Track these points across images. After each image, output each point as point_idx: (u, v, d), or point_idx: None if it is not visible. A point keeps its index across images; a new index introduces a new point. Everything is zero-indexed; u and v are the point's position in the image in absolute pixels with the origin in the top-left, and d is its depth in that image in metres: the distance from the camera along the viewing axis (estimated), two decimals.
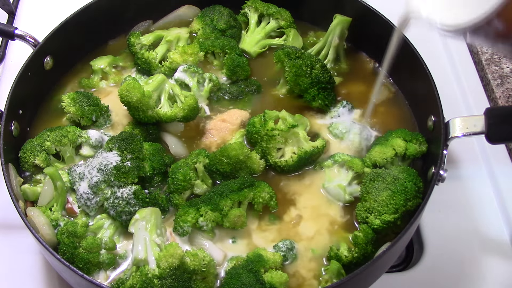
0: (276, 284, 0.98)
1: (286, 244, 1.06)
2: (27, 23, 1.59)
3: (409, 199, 1.03)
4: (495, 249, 1.18)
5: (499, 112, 1.06)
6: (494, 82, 1.42)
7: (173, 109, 1.20)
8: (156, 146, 1.16)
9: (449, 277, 1.15)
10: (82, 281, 0.93)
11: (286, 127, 1.15)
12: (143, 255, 0.98)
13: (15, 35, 1.21)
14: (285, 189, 1.15)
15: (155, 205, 1.09)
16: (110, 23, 1.37)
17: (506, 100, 1.39)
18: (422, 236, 1.20)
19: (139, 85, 1.16)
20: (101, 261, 1.03)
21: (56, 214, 1.07)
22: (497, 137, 1.03)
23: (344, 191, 1.12)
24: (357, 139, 1.20)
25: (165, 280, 0.94)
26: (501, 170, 1.29)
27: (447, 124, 1.06)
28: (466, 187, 1.28)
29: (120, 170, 1.08)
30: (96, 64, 1.33)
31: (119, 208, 1.06)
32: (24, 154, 1.13)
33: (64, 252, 1.01)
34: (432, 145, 1.14)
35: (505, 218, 1.22)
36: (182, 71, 1.26)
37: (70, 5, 1.33)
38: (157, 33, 1.37)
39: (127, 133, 1.17)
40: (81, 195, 1.08)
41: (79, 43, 1.34)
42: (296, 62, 1.23)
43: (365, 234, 1.03)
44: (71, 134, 1.16)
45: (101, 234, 1.07)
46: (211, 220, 1.05)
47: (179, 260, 0.95)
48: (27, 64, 1.19)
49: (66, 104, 1.20)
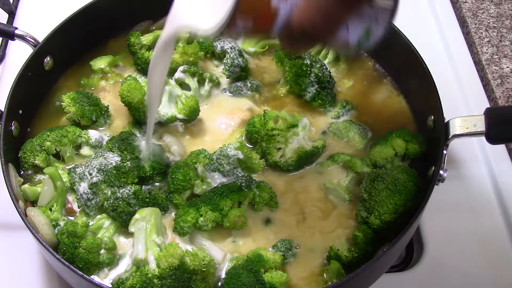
0: (276, 284, 0.98)
1: (284, 244, 1.06)
2: (27, 23, 1.59)
3: (409, 199, 1.03)
4: (495, 249, 1.18)
5: (499, 112, 1.06)
6: (494, 82, 1.42)
7: (174, 110, 1.20)
8: (156, 146, 1.16)
9: (449, 277, 1.15)
10: (82, 281, 0.93)
11: (286, 127, 1.15)
12: (143, 255, 0.98)
13: (15, 35, 1.21)
14: (285, 188, 1.15)
15: (155, 205, 1.09)
16: (110, 23, 1.37)
17: (506, 100, 1.39)
18: (422, 236, 1.20)
19: (140, 86, 1.16)
20: (101, 261, 1.03)
21: (56, 214, 1.07)
22: (497, 137, 1.03)
23: (344, 191, 1.12)
24: (357, 139, 1.20)
25: (165, 280, 0.94)
26: (501, 170, 1.29)
27: (447, 124, 1.06)
28: (466, 187, 1.27)
29: (120, 170, 1.08)
30: (96, 64, 1.33)
31: (119, 208, 1.06)
32: (24, 154, 1.13)
33: (64, 252, 1.01)
34: (432, 145, 1.14)
35: (505, 218, 1.22)
36: (182, 71, 1.26)
37: (70, 5, 1.33)
38: (157, 33, 1.36)
39: (127, 133, 1.17)
40: (81, 195, 1.08)
41: (79, 43, 1.34)
42: (296, 62, 1.23)
43: (365, 234, 1.03)
44: (71, 134, 1.16)
45: (101, 234, 1.07)
46: (211, 220, 1.05)
47: (179, 260, 0.95)
48: (27, 64, 1.19)
49: (66, 104, 1.20)
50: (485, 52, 1.49)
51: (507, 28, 1.53)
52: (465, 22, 1.58)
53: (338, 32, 0.74)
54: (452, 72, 1.48)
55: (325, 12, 0.70)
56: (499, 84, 1.42)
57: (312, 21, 0.71)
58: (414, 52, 1.19)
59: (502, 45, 1.49)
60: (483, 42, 1.50)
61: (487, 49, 1.49)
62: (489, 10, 1.58)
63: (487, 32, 1.53)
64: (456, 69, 1.49)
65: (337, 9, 0.71)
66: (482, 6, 1.59)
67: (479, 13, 1.58)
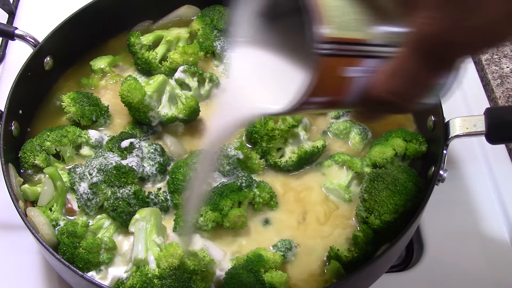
0: (276, 284, 0.98)
1: (284, 244, 1.06)
2: (27, 23, 1.59)
3: (409, 199, 1.03)
4: (495, 249, 1.18)
5: (499, 112, 1.06)
6: (494, 82, 1.42)
7: (174, 110, 1.20)
8: (156, 146, 1.16)
9: (449, 277, 1.15)
10: (82, 281, 0.93)
11: (286, 127, 1.15)
12: (143, 255, 0.98)
13: (15, 35, 1.21)
14: (285, 188, 1.15)
15: (155, 205, 1.09)
16: (110, 23, 1.37)
17: (506, 100, 1.39)
18: (422, 236, 1.20)
19: (140, 86, 1.16)
20: (101, 261, 1.03)
21: (56, 214, 1.07)
22: (497, 137, 1.03)
23: (344, 191, 1.12)
24: (357, 139, 1.20)
25: (165, 280, 0.94)
26: (501, 170, 1.29)
27: (447, 124, 1.06)
28: (466, 187, 1.27)
29: (120, 170, 1.08)
30: (96, 64, 1.33)
31: (119, 208, 1.06)
32: (24, 154, 1.13)
33: (64, 252, 1.01)
34: (432, 145, 1.14)
35: (505, 218, 1.22)
36: (182, 71, 1.26)
37: (70, 5, 1.33)
38: (157, 33, 1.36)
39: (127, 133, 1.17)
40: (81, 195, 1.08)
41: (79, 43, 1.34)
42: None
43: (365, 234, 1.03)
44: (71, 134, 1.16)
45: (101, 234, 1.06)
46: (211, 220, 1.05)
47: (179, 260, 0.95)
48: (27, 64, 1.19)
49: (66, 104, 1.20)
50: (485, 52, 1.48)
51: None
52: None
53: (423, 98, 0.64)
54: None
55: (413, 80, 0.60)
56: (499, 84, 1.42)
57: (396, 89, 0.61)
58: None
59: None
60: None
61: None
62: None
63: None
64: None
65: (426, 74, 0.60)
66: None
67: None
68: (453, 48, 0.57)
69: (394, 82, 0.61)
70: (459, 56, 0.59)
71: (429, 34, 0.56)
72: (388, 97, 0.61)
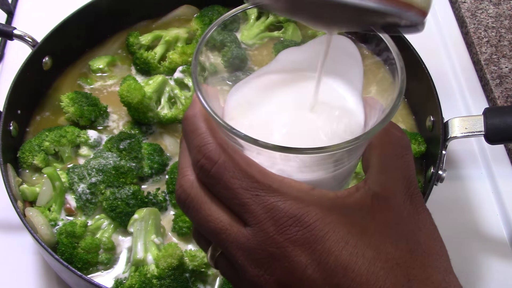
0: None
1: None
2: (26, 23, 1.58)
3: None
4: (494, 249, 1.18)
5: (498, 112, 1.06)
6: (493, 82, 1.42)
7: (173, 111, 1.20)
8: (155, 146, 1.16)
9: None
10: (80, 281, 0.93)
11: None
12: (142, 255, 0.98)
13: (13, 35, 1.21)
14: None
15: (154, 205, 1.09)
16: (109, 23, 1.37)
17: (505, 100, 1.39)
18: None
19: (140, 86, 1.16)
20: (100, 261, 1.02)
21: (55, 214, 1.07)
22: (496, 137, 1.03)
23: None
24: None
25: (164, 280, 0.94)
26: (500, 170, 1.29)
27: (446, 124, 1.06)
28: (465, 187, 1.27)
29: (119, 170, 1.08)
30: (94, 64, 1.33)
31: (118, 208, 1.06)
32: (23, 155, 1.13)
33: (63, 252, 1.01)
34: (431, 145, 1.14)
35: (504, 218, 1.22)
36: (181, 72, 1.26)
37: (68, 5, 1.33)
38: (156, 33, 1.36)
39: (126, 133, 1.17)
40: (79, 195, 1.08)
41: (77, 43, 1.33)
42: None
43: None
44: (70, 134, 1.15)
45: (100, 234, 1.06)
46: None
47: (178, 260, 0.95)
48: (25, 64, 1.19)
49: (65, 104, 1.20)
50: (484, 52, 1.48)
51: (505, 28, 1.53)
52: (464, 22, 1.58)
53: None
54: (451, 72, 1.48)
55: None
56: (498, 84, 1.42)
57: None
58: (413, 52, 1.19)
59: (501, 45, 1.49)
60: (482, 42, 1.50)
61: (486, 49, 1.49)
62: (488, 10, 1.58)
63: (486, 32, 1.53)
64: (455, 69, 1.49)
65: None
66: (481, 6, 1.59)
67: (478, 13, 1.58)
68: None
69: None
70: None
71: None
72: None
